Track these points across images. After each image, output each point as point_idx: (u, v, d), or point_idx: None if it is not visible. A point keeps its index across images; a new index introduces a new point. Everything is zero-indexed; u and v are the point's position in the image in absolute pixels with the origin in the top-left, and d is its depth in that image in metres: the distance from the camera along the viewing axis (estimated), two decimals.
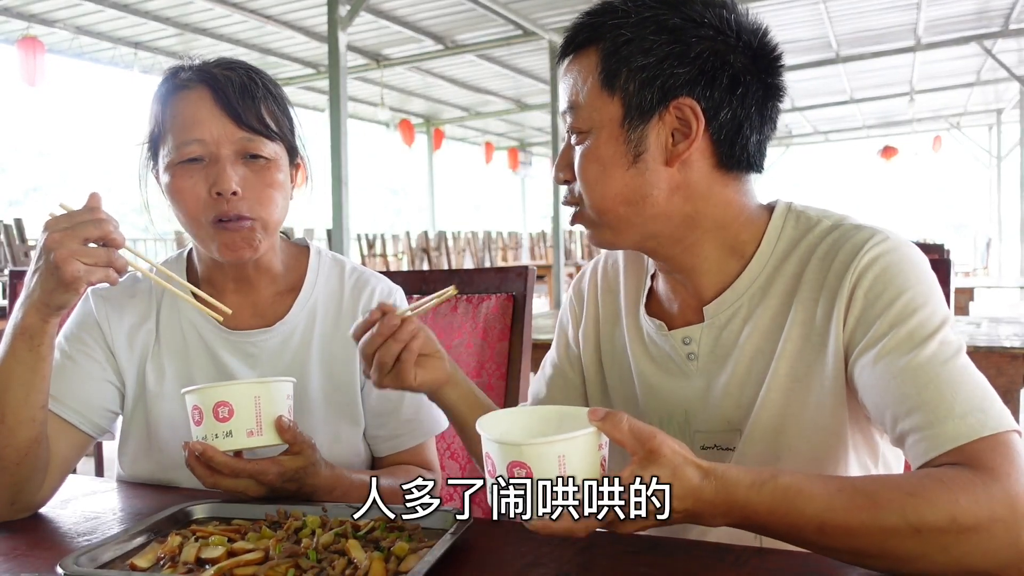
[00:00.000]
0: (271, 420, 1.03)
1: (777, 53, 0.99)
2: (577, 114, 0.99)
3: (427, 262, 11.54)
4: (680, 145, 0.96)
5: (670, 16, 0.95)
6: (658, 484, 0.75)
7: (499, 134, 16.80)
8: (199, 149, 1.13)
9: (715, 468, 0.78)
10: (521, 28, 8.75)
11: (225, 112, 1.14)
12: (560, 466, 0.75)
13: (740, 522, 0.80)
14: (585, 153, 0.99)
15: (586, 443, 0.77)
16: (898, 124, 16.55)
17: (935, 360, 0.85)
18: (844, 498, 0.77)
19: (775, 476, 0.79)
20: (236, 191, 1.12)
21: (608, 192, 0.98)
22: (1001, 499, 0.76)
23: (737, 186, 1.01)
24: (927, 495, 0.76)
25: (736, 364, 1.00)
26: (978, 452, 0.79)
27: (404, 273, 1.58)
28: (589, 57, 0.98)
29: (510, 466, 0.76)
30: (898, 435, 0.86)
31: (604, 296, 1.19)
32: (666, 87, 0.94)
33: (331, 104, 7.09)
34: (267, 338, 1.24)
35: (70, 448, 1.17)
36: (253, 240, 1.16)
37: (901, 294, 0.89)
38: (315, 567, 0.82)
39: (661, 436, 0.78)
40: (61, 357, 1.21)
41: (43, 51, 7.41)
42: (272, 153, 1.17)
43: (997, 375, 2.55)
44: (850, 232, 0.96)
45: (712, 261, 1.02)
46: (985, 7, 9.01)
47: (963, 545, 0.75)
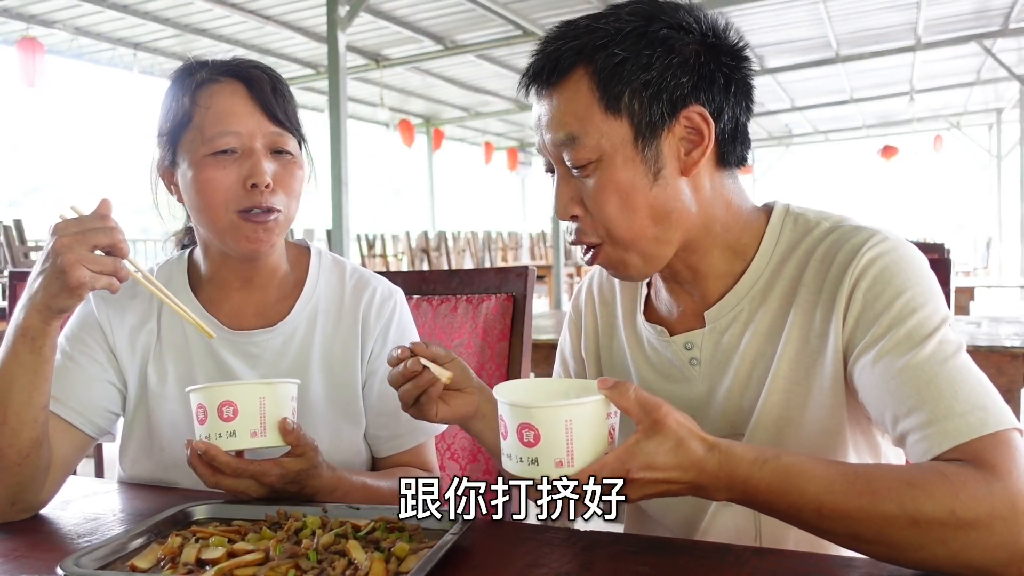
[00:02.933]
0: (275, 421, 1.03)
1: (741, 45, 0.99)
2: (581, 144, 0.93)
3: (427, 262, 11.54)
4: (694, 153, 0.95)
5: (655, 27, 0.93)
6: (662, 457, 0.78)
7: (499, 134, 16.81)
8: (233, 141, 1.14)
9: (720, 443, 0.81)
10: (521, 28, 8.75)
11: (259, 106, 1.16)
12: (567, 431, 0.78)
13: (741, 497, 0.81)
14: (601, 184, 0.94)
15: (594, 410, 0.80)
16: (898, 124, 16.56)
17: (934, 359, 0.85)
18: (844, 482, 0.78)
19: (778, 455, 0.81)
20: (269, 183, 1.14)
21: (636, 218, 0.95)
22: (1002, 496, 0.76)
23: (733, 185, 1.01)
24: (927, 487, 0.77)
25: (738, 368, 1.00)
26: (979, 450, 0.79)
27: (404, 273, 1.58)
28: (578, 82, 0.94)
29: (519, 428, 0.79)
30: (899, 435, 0.87)
31: (601, 308, 1.19)
32: (673, 98, 0.93)
33: (331, 104, 7.09)
34: (269, 338, 1.24)
35: (71, 449, 1.17)
36: (275, 235, 1.18)
37: (900, 294, 0.89)
38: (315, 568, 0.82)
39: (667, 407, 0.80)
40: (62, 358, 1.21)
41: (42, 52, 7.42)
42: (295, 149, 1.20)
43: (997, 375, 2.54)
44: (849, 233, 0.96)
45: (718, 265, 1.02)
46: (985, 6, 9.01)
47: (961, 539, 0.76)
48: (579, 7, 8.27)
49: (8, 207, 19.39)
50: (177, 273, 1.29)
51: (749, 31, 9.49)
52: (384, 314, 1.28)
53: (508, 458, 0.82)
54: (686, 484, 0.80)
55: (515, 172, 17.44)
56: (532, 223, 18.73)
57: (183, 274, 1.28)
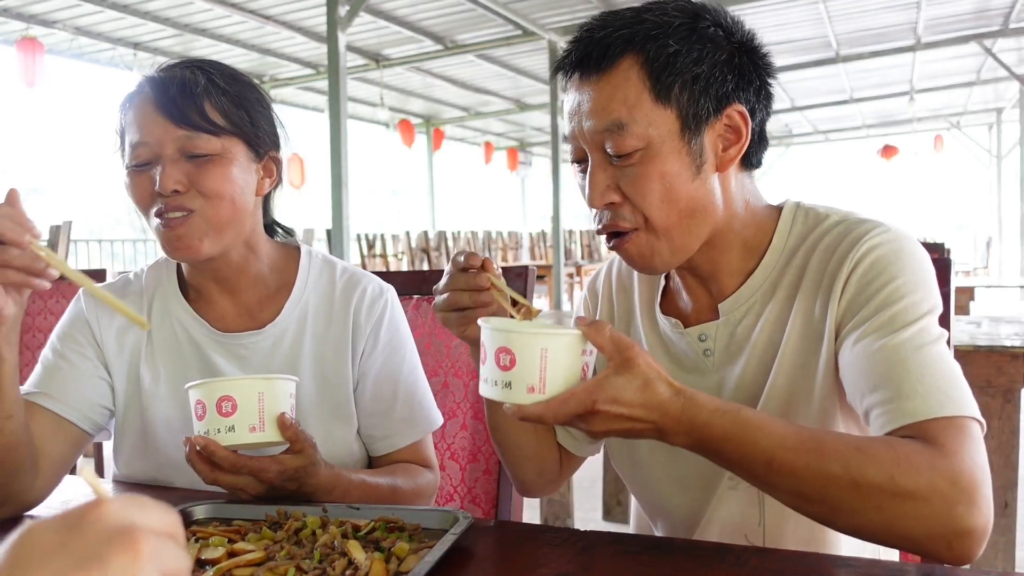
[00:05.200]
0: (273, 417, 1.03)
1: (768, 51, 1.02)
2: (628, 131, 0.93)
3: (427, 262, 11.54)
4: (731, 150, 0.98)
5: (703, 24, 0.96)
6: (629, 393, 0.81)
7: (499, 134, 16.81)
8: (146, 152, 1.14)
9: (685, 389, 0.84)
10: (521, 28, 8.75)
11: (162, 112, 1.13)
12: (542, 358, 0.82)
13: (697, 444, 0.84)
14: (646, 172, 0.95)
15: (569, 342, 0.83)
16: (898, 123, 16.55)
17: (910, 344, 0.87)
18: (796, 440, 0.81)
19: (740, 409, 0.84)
20: (177, 189, 1.12)
21: (675, 208, 0.96)
22: (944, 472, 0.78)
23: (751, 185, 1.05)
24: (872, 452, 0.79)
25: (748, 358, 1.02)
26: (933, 430, 0.82)
27: (404, 273, 1.58)
28: (628, 70, 0.94)
29: (497, 352, 0.83)
30: (864, 411, 0.89)
31: (619, 295, 1.20)
32: (719, 95, 0.96)
33: (331, 104, 7.10)
34: (258, 340, 1.24)
35: (67, 446, 1.17)
36: (193, 240, 1.13)
37: (891, 280, 0.91)
38: (316, 568, 0.82)
39: (638, 349, 0.83)
40: (55, 357, 1.22)
41: (42, 52, 7.41)
42: (218, 148, 1.14)
43: (997, 374, 2.54)
44: (854, 225, 0.98)
45: (734, 262, 1.04)
46: (985, 6, 9.02)
47: (897, 508, 0.78)
48: (579, 7, 8.27)
49: None
50: (166, 275, 1.29)
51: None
52: (375, 313, 1.27)
53: (484, 382, 0.85)
54: (649, 424, 0.83)
55: (515, 172, 17.44)
56: (532, 223, 18.74)
57: (172, 276, 1.29)
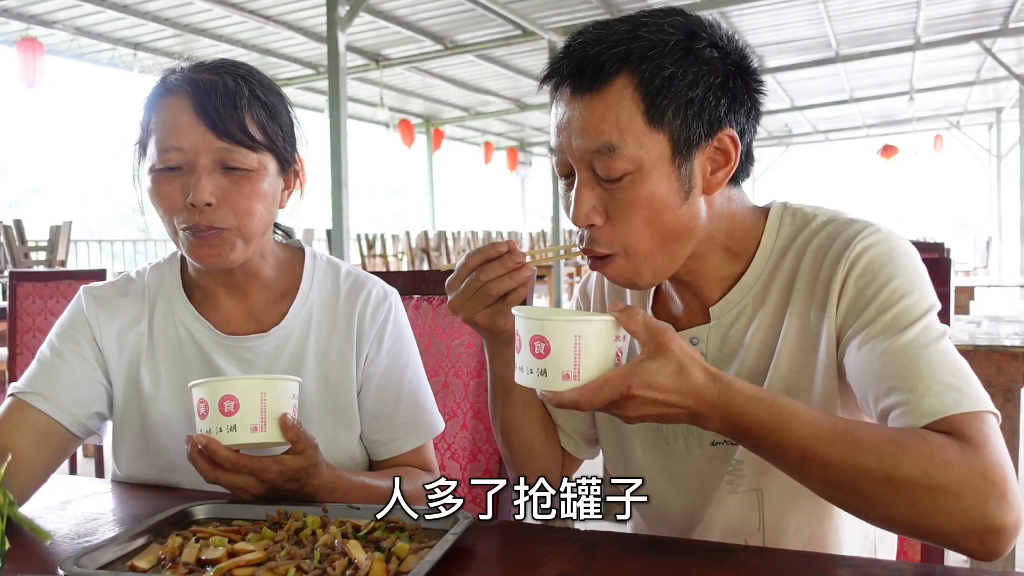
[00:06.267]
0: (275, 417, 1.03)
1: (758, 67, 1.00)
2: (619, 154, 0.91)
3: (427, 262, 11.54)
4: (719, 173, 0.96)
5: (699, 44, 0.92)
6: (664, 378, 0.81)
7: (498, 134, 16.81)
8: (178, 157, 1.11)
9: (722, 374, 0.84)
10: (521, 28, 8.74)
11: (204, 121, 1.11)
12: (576, 345, 0.82)
13: (733, 431, 0.84)
14: (634, 197, 0.92)
15: (602, 328, 0.84)
16: (898, 123, 16.56)
17: (916, 343, 0.87)
18: (831, 431, 0.81)
19: (775, 397, 0.84)
20: (211, 202, 1.10)
21: (659, 233, 0.94)
22: (976, 466, 0.78)
23: (739, 195, 1.03)
24: (906, 445, 0.79)
25: (742, 362, 1.02)
26: (957, 424, 0.82)
27: (404, 273, 1.58)
28: (621, 91, 0.91)
29: (532, 340, 0.84)
30: (879, 414, 0.88)
31: (611, 297, 1.19)
32: (712, 119, 0.93)
33: (331, 105, 7.10)
34: (262, 343, 1.23)
35: (54, 448, 1.16)
36: (224, 250, 1.13)
37: (889, 281, 0.91)
38: (316, 568, 0.82)
39: (672, 333, 0.83)
40: (52, 355, 1.21)
41: (42, 52, 7.41)
42: (255, 163, 1.13)
43: (997, 374, 2.54)
44: (843, 226, 0.98)
45: (718, 267, 1.03)
46: (984, 6, 9.02)
47: (930, 502, 0.78)
48: (579, 7, 8.27)
49: (8, 207, 19.39)
50: (170, 276, 1.28)
51: (749, 31, 9.50)
52: (379, 317, 1.27)
53: (520, 370, 0.86)
54: (684, 410, 0.83)
55: (515, 172, 17.45)
56: (532, 223, 18.74)
57: (176, 277, 1.28)
